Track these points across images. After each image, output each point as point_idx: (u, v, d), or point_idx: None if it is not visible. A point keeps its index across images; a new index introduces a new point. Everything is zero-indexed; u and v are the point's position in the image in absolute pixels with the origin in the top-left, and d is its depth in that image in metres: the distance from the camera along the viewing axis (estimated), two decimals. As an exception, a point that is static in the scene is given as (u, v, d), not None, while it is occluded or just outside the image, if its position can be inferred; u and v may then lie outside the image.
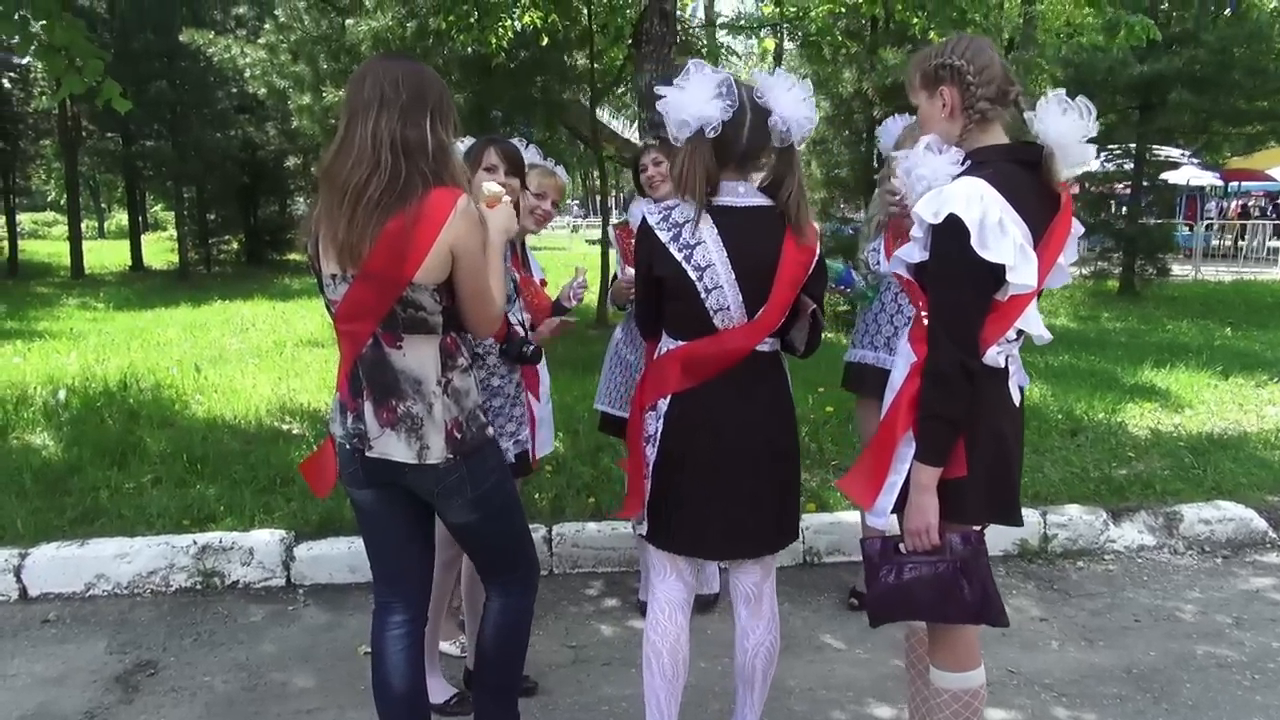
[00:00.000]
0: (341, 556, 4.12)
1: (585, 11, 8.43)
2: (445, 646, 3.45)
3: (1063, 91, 2.22)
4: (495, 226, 2.26)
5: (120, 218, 38.09)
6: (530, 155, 3.39)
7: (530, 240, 3.41)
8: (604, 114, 13.99)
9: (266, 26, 11.42)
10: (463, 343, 2.27)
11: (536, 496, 4.65)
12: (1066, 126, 2.16)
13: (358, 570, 4.08)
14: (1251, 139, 15.30)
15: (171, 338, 10.29)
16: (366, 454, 2.22)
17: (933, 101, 2.22)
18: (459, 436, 2.21)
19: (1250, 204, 28.84)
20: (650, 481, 2.50)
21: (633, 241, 3.75)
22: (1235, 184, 26.04)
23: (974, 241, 2.03)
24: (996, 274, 2.07)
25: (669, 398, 2.45)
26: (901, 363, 2.30)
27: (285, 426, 6.09)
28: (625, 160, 7.91)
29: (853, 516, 4.33)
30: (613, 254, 4.07)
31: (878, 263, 3.52)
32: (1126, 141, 13.80)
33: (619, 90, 12.62)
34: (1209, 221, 23.50)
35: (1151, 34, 5.99)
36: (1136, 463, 5.35)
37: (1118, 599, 3.95)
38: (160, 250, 25.43)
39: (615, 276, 3.57)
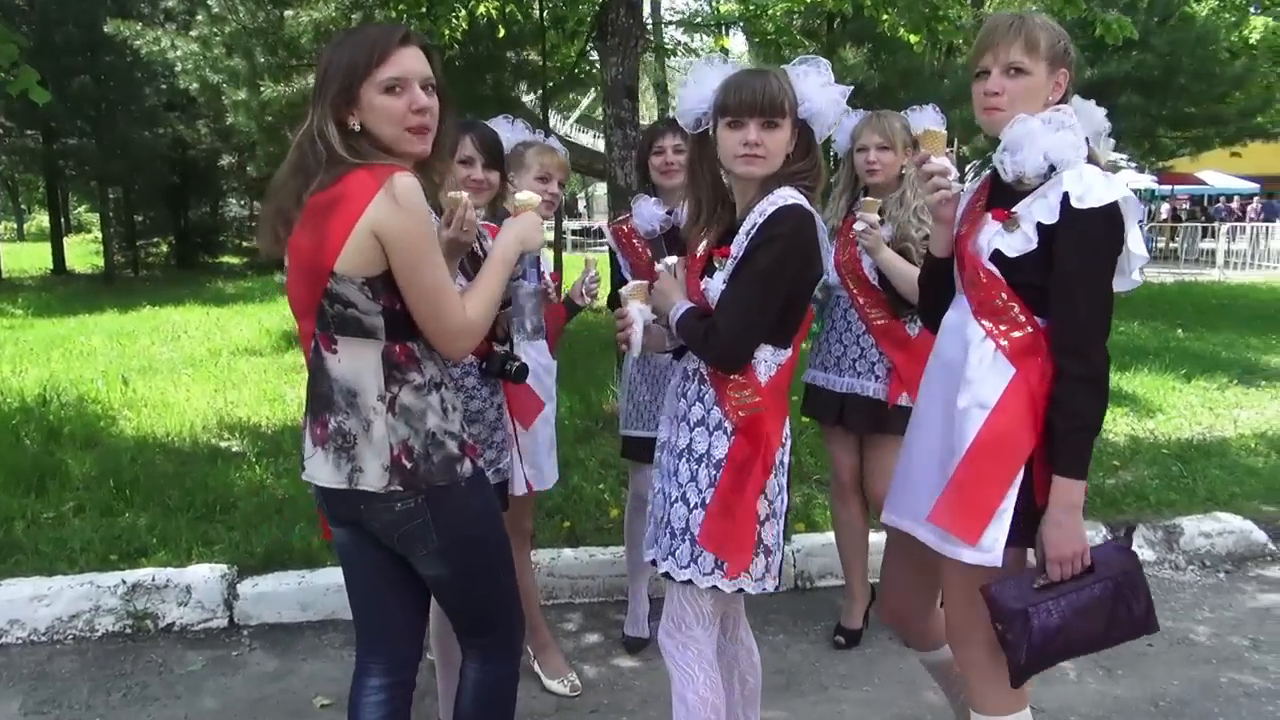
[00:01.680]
0: (290, 593, 3.72)
1: (539, 4, 8.08)
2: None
3: None
4: (513, 234, 2.04)
5: (41, 219, 36.57)
6: (518, 131, 3.06)
7: None
8: (552, 117, 13.65)
9: (199, 18, 10.81)
10: (428, 358, 1.93)
11: (503, 520, 4.30)
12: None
13: (310, 607, 3.70)
14: (1197, 142, 15.52)
15: (96, 346, 9.67)
16: (302, 477, 1.96)
17: (1050, 78, 2.05)
18: (409, 466, 1.87)
19: (1178, 207, 29.58)
20: (780, 521, 2.21)
21: (635, 240, 3.46)
22: (1168, 188, 26.69)
23: (1129, 234, 1.96)
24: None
25: (787, 420, 2.22)
26: (989, 378, 2.02)
27: (224, 444, 5.65)
28: (576, 165, 7.56)
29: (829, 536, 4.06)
30: (590, 257, 3.69)
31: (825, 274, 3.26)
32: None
33: (571, 94, 12.29)
34: (1152, 224, 23.98)
35: (1128, 32, 5.87)
36: (1123, 472, 5.19)
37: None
38: (84, 253, 24.39)
39: (585, 276, 3.15)
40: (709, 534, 2.14)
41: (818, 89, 2.16)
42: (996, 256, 2.04)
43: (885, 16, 6.59)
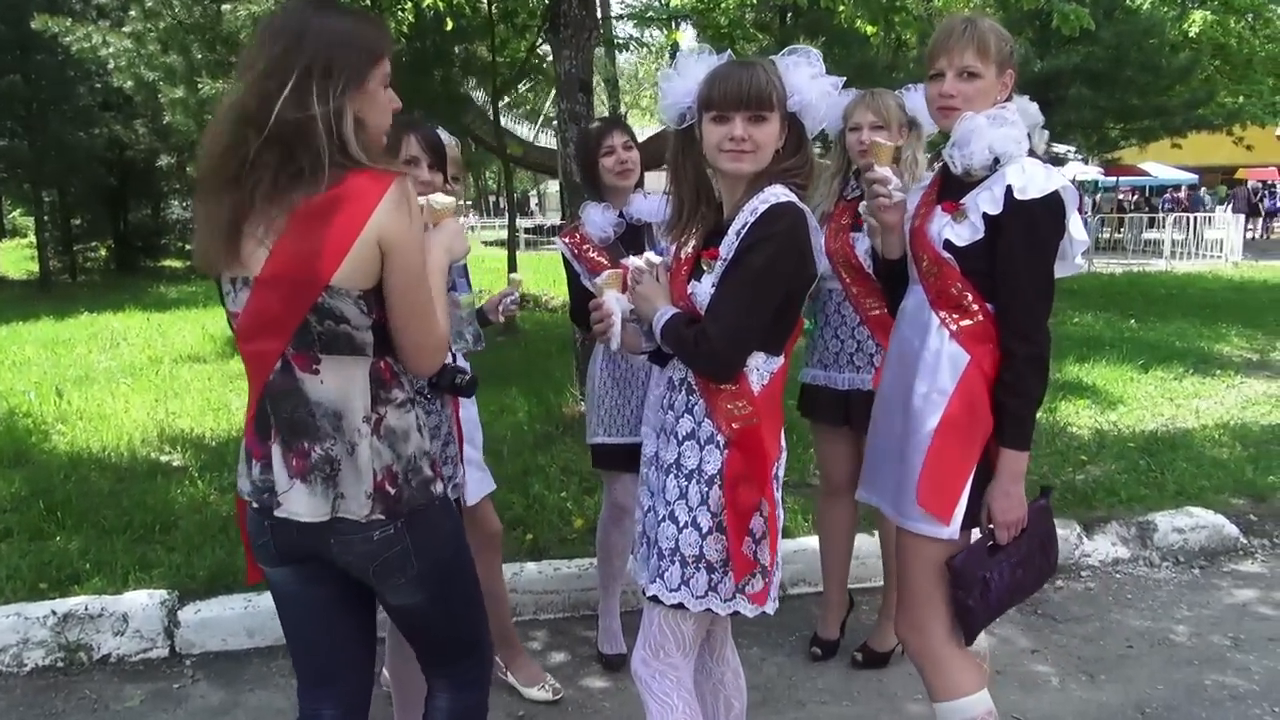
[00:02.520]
0: (235, 618, 3.50)
1: (488, -3, 7.87)
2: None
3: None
4: (439, 244, 1.85)
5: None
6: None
7: None
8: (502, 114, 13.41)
9: (131, 13, 10.39)
10: (403, 374, 1.79)
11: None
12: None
13: (256, 633, 3.48)
14: (1143, 133, 15.72)
15: (29, 356, 9.24)
16: (275, 514, 1.73)
17: (999, 80, 2.19)
18: (392, 493, 1.73)
19: (1122, 198, 30.11)
20: (778, 539, 2.09)
21: (589, 249, 3.29)
22: (1112, 179, 27.12)
23: (1070, 221, 2.11)
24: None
25: (781, 431, 2.11)
26: (946, 366, 2.17)
27: (164, 458, 5.38)
28: (527, 163, 7.35)
29: (815, 543, 3.94)
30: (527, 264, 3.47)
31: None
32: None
33: (521, 87, 12.06)
34: (1100, 216, 24.35)
35: (1085, 23, 5.83)
36: (1091, 467, 5.15)
37: (1106, 622, 3.66)
38: (19, 258, 23.51)
39: (504, 294, 2.95)
40: (699, 555, 2.02)
41: (808, 80, 2.03)
42: (948, 246, 2.15)
43: (842, 8, 6.50)
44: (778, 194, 1.98)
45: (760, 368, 2.02)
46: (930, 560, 2.20)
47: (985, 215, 2.11)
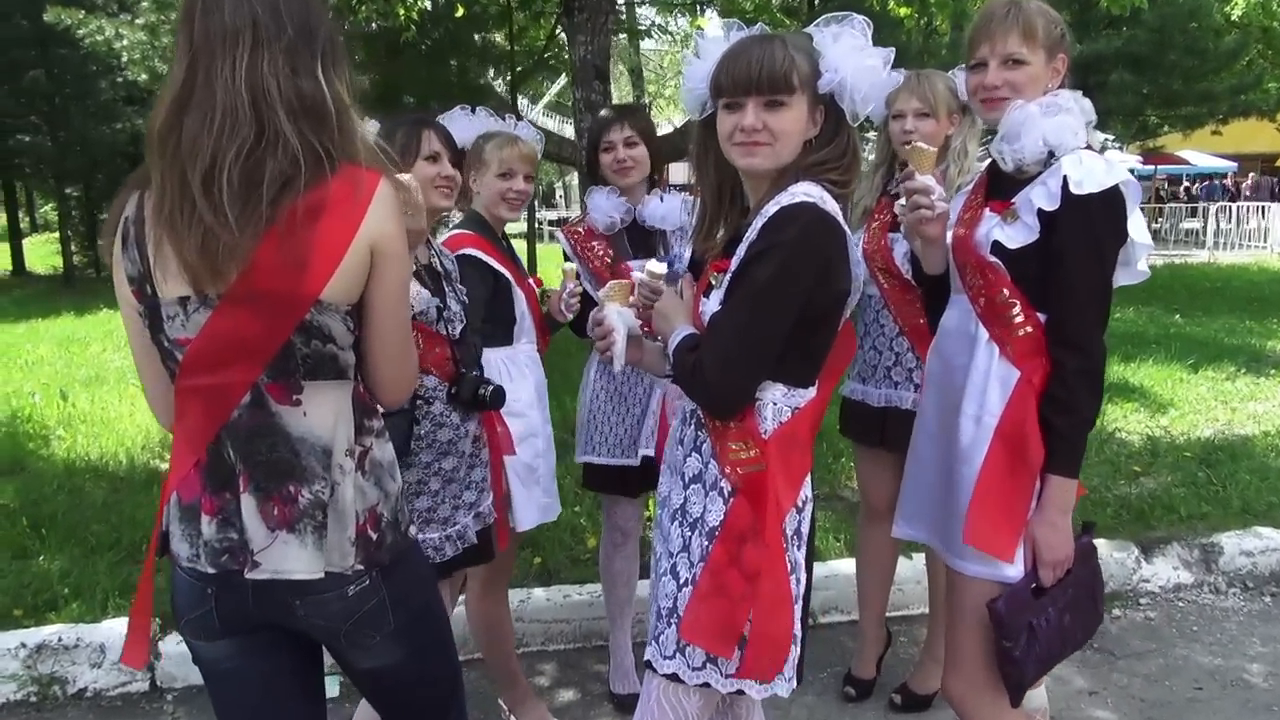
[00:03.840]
0: (221, 649, 3.24)
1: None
2: None
3: None
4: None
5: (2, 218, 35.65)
6: (479, 122, 2.65)
7: None
8: (521, 102, 13.14)
9: (144, 4, 10.21)
10: (375, 399, 1.58)
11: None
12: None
13: (243, 666, 3.22)
14: (1187, 119, 15.14)
15: (43, 355, 9.09)
16: (245, 575, 1.44)
17: (1049, 66, 2.02)
18: (374, 538, 1.50)
19: (1160, 188, 29.36)
20: (798, 606, 1.77)
21: (595, 244, 3.01)
22: (1150, 168, 26.39)
23: (1130, 221, 1.90)
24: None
25: (807, 479, 1.80)
26: (995, 385, 1.98)
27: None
28: (546, 154, 7.08)
29: (848, 565, 3.63)
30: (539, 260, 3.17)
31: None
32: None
33: (541, 79, 11.78)
34: (1143, 205, 23.63)
35: (1137, 1, 5.44)
36: (1145, 479, 4.78)
37: (1171, 659, 3.33)
38: (47, 253, 23.57)
39: (564, 288, 2.77)
40: (694, 622, 1.71)
41: (849, 54, 1.70)
42: (997, 249, 1.98)
43: (870, -11, 6.16)
44: (798, 193, 1.67)
45: (778, 401, 1.72)
46: (972, 606, 2.01)
47: (1040, 213, 1.93)
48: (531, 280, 2.76)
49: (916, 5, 6.13)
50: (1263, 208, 19.32)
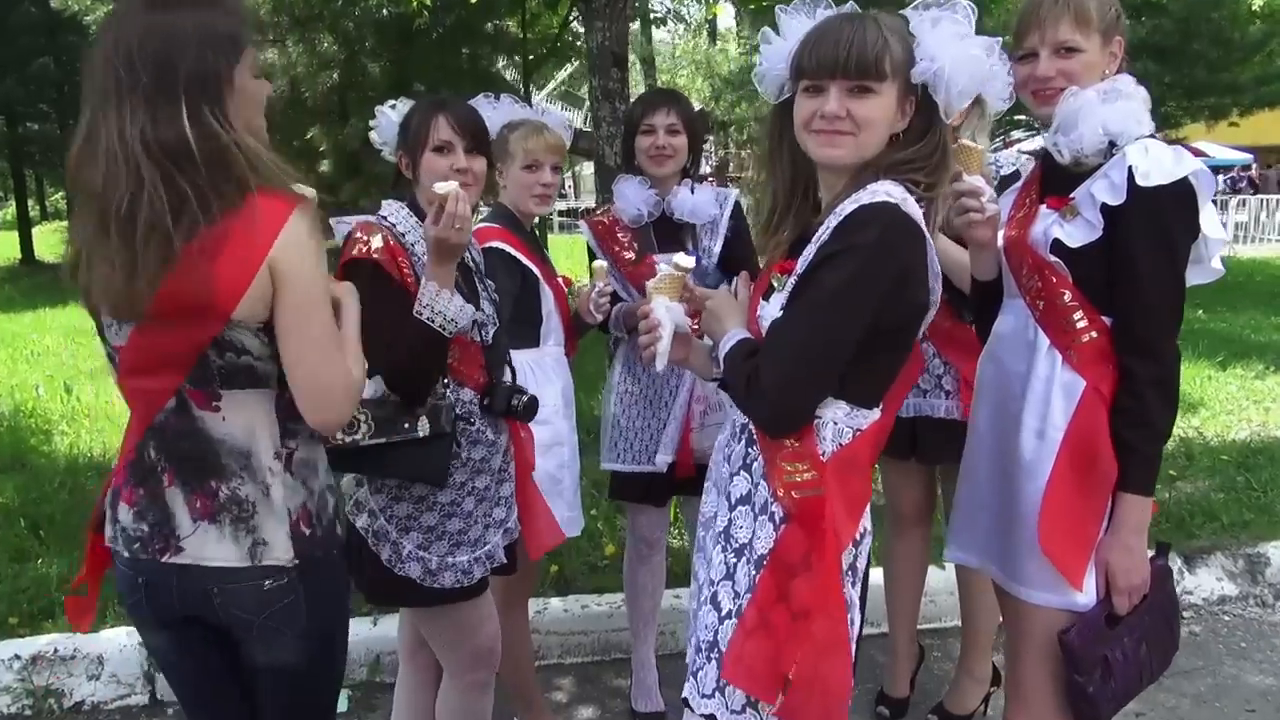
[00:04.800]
0: (225, 661, 3.11)
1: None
2: None
3: None
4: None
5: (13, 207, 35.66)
6: (504, 111, 2.50)
7: None
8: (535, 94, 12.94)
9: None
10: None
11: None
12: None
13: (247, 679, 3.08)
14: (1213, 110, 14.89)
15: (49, 346, 9.00)
16: (165, 561, 1.55)
17: (1105, 50, 1.88)
18: (307, 533, 1.59)
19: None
20: (852, 648, 1.62)
21: (620, 235, 2.83)
22: (1241, 156, 25.96)
23: (1202, 215, 1.77)
24: None
25: (867, 509, 1.67)
26: (1059, 396, 1.84)
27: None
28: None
29: (875, 575, 3.47)
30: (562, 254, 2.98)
31: None
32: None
33: (554, 67, 11.59)
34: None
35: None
36: (1181, 483, 4.61)
37: (1220, 678, 3.16)
38: (56, 241, 23.47)
39: (594, 287, 2.61)
40: (737, 660, 1.56)
41: (948, 41, 1.53)
42: (1057, 249, 1.84)
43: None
44: (879, 191, 1.51)
45: (840, 421, 1.57)
46: (1047, 637, 1.86)
47: (1103, 208, 1.78)
48: (561, 279, 2.61)
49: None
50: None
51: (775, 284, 1.62)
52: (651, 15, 10.37)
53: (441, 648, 2.23)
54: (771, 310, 1.59)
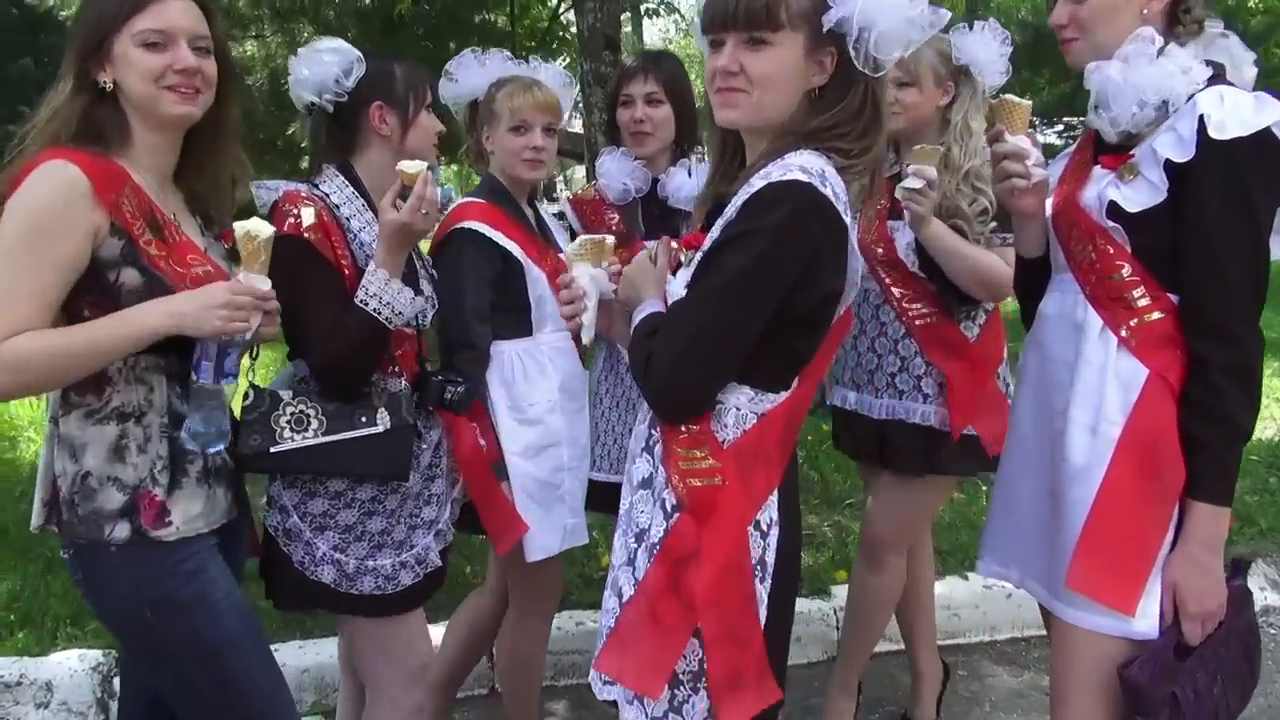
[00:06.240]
0: (186, 687, 2.84)
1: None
2: None
3: None
4: (164, 309, 1.56)
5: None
6: (496, 66, 2.28)
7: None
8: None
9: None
10: (131, 383, 1.60)
11: (467, 571, 3.42)
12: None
13: (210, 707, 2.82)
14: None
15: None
16: None
17: None
18: (61, 511, 1.60)
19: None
20: (769, 630, 1.51)
21: (608, 215, 2.53)
22: None
23: None
24: None
25: (776, 492, 1.52)
26: (1114, 385, 1.61)
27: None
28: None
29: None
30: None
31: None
32: (1086, 110, 13.07)
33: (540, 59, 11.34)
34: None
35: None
36: (1209, 484, 4.36)
37: (1272, 697, 2.92)
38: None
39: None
40: (614, 651, 1.51)
41: None
42: (1113, 213, 1.61)
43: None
44: (792, 167, 1.38)
45: (743, 407, 1.47)
46: (1101, 668, 1.61)
47: (1168, 165, 1.55)
48: (564, 255, 2.35)
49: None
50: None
51: (684, 259, 1.54)
52: (644, 7, 10.15)
53: (364, 665, 2.01)
54: (676, 288, 1.51)
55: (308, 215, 1.78)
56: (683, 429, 1.48)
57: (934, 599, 2.78)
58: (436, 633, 2.42)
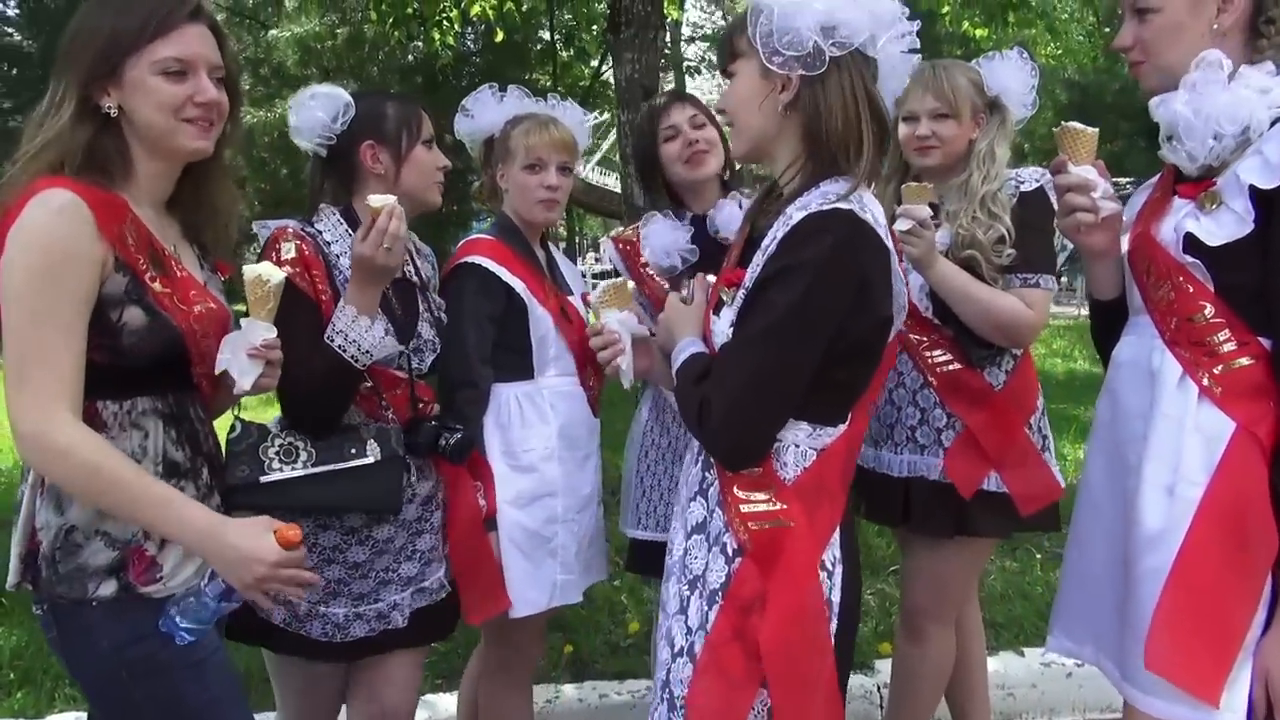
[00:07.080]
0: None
1: (549, 13, 7.23)
2: None
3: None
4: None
5: None
6: (513, 103, 2.24)
7: None
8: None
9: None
10: (135, 426, 1.51)
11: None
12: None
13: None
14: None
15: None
16: None
17: (1195, 9, 1.52)
18: (40, 568, 1.49)
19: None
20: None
21: (650, 271, 2.45)
22: None
23: None
24: None
25: (838, 530, 1.52)
26: (1196, 441, 1.48)
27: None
28: (584, 202, 6.64)
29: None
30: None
31: None
32: (1138, 171, 12.90)
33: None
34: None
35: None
36: None
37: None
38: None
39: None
40: (694, 706, 1.46)
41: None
42: (1192, 246, 1.50)
43: (946, 8, 5.62)
44: (830, 194, 1.40)
45: (802, 443, 1.47)
46: None
47: (1254, 194, 1.44)
48: (579, 297, 2.24)
49: (995, 25, 5.60)
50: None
51: (724, 298, 1.52)
52: (685, 65, 10.21)
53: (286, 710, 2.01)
54: (722, 327, 1.50)
55: (287, 249, 1.80)
56: (744, 470, 1.47)
57: (987, 676, 2.56)
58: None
